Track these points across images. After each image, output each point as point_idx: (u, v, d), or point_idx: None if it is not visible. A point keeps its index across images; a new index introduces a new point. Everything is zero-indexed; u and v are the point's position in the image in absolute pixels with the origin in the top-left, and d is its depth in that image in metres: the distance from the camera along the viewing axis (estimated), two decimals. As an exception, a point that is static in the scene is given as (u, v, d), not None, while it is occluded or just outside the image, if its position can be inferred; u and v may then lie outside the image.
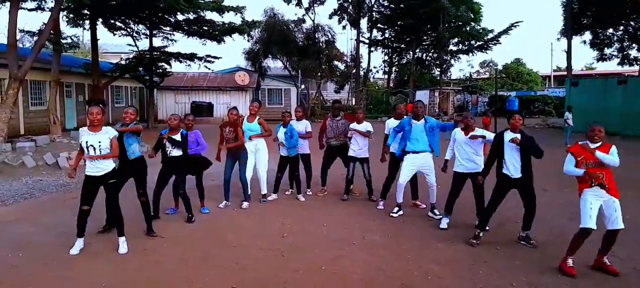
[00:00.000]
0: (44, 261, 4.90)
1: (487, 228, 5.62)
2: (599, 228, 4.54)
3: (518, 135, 5.22)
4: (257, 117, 7.39)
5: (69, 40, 21.47)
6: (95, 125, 5.03)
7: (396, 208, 6.68)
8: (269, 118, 11.35)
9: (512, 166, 5.25)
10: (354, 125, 7.50)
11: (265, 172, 7.44)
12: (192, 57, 23.26)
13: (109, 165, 5.08)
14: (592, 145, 4.60)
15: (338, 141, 7.69)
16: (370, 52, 37.07)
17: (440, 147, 6.63)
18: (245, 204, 7.18)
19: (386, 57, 38.56)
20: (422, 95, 30.22)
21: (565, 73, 48.80)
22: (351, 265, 4.87)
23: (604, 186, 4.49)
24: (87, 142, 4.98)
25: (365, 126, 7.49)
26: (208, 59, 23.55)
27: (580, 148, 4.68)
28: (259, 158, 7.34)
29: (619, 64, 29.10)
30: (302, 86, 33.86)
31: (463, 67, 79.70)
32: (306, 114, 12.02)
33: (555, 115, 31.06)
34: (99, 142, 4.97)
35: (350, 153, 7.60)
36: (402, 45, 36.42)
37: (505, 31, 31.51)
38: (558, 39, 28.99)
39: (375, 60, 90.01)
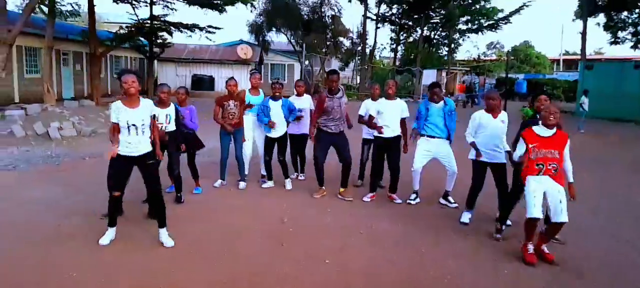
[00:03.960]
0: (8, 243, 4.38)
1: (509, 222, 5.06)
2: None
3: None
4: (261, 91, 6.80)
5: (69, 7, 20.83)
6: (133, 97, 4.21)
7: (413, 196, 6.14)
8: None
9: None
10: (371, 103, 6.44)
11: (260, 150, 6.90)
12: (193, 27, 22.51)
13: (147, 144, 4.34)
14: (545, 133, 4.19)
15: (338, 127, 6.06)
16: (377, 28, 36.05)
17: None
18: (242, 184, 6.63)
19: (393, 34, 37.56)
20: (430, 75, 29.42)
21: (573, 57, 48.55)
22: (358, 256, 4.35)
23: (554, 173, 4.20)
24: (127, 121, 4.16)
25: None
26: (209, 29, 22.81)
27: (533, 133, 4.23)
28: (259, 135, 6.77)
29: (632, 47, 28.42)
30: (306, 62, 33.04)
31: (469, 48, 78.41)
32: (308, 89, 11.23)
33: (564, 100, 30.33)
34: (142, 120, 4.23)
35: (365, 135, 6.87)
36: (410, 23, 35.43)
37: (517, 11, 30.54)
38: (574, 19, 28.03)
39: (382, 38, 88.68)
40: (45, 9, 16.30)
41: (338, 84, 6.05)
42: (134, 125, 4.19)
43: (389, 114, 5.98)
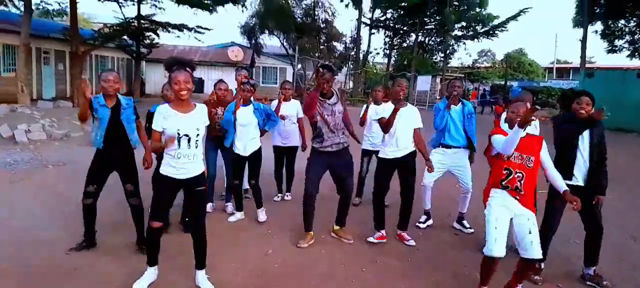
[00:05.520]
0: None
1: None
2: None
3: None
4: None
5: (57, 6, 19.89)
6: (184, 100, 3.27)
7: (424, 217, 5.29)
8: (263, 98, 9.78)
9: (579, 171, 3.84)
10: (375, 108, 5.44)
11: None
12: (181, 27, 21.62)
13: (199, 164, 3.41)
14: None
15: (338, 141, 4.44)
16: (371, 33, 35.42)
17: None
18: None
19: (387, 39, 36.88)
20: (424, 81, 28.78)
21: (565, 66, 48.28)
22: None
23: (518, 190, 3.29)
24: (178, 130, 3.22)
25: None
26: (198, 30, 21.92)
27: (502, 132, 3.46)
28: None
29: (628, 56, 28.13)
30: (299, 66, 32.23)
31: (461, 55, 77.92)
32: (301, 93, 10.23)
33: (559, 109, 29.85)
34: (197, 130, 3.31)
35: (366, 146, 5.95)
36: (405, 28, 34.81)
37: (514, 17, 30.01)
38: (574, 26, 27.60)
39: (375, 43, 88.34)
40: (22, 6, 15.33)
41: (331, 85, 4.40)
42: (185, 135, 3.25)
43: (399, 125, 4.55)
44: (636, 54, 27.85)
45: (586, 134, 3.81)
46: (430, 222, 5.31)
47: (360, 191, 6.15)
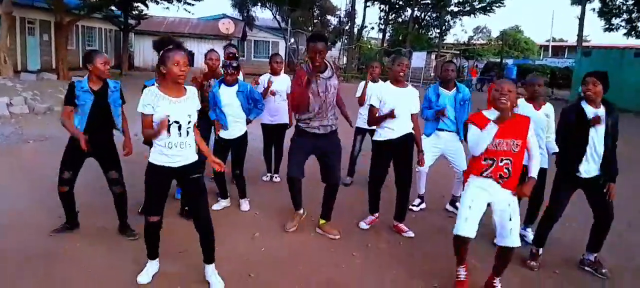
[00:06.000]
0: None
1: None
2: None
3: (600, 112, 3.51)
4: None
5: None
6: (180, 84, 2.97)
7: (418, 201, 5.11)
8: (255, 72, 9.51)
9: (592, 159, 3.58)
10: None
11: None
12: (170, -3, 21.05)
13: (193, 151, 3.14)
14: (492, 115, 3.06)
15: (327, 124, 4.01)
16: (366, 7, 34.78)
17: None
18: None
19: (382, 14, 36.28)
20: (419, 58, 28.41)
21: (561, 43, 48.05)
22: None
23: (502, 178, 3.06)
24: (169, 117, 2.89)
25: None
26: (188, 1, 21.35)
27: (482, 117, 3.12)
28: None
29: (625, 35, 28.00)
30: (292, 40, 31.68)
31: (457, 32, 77.38)
32: (292, 66, 9.90)
33: (555, 87, 29.70)
34: (188, 116, 3.00)
35: (360, 124, 5.71)
36: (400, 2, 34.22)
37: (511, -7, 29.56)
38: (572, 3, 27.27)
39: (370, 18, 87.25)
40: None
41: (324, 57, 3.89)
42: (176, 122, 2.94)
43: (398, 106, 4.11)
44: (633, 32, 27.74)
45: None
46: (423, 205, 5.14)
47: (351, 170, 5.95)
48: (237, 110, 4.56)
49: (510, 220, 3.07)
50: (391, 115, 4.06)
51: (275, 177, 5.99)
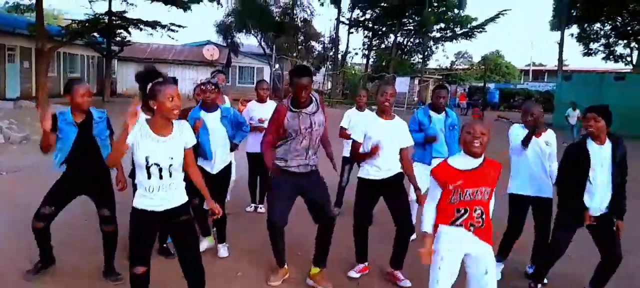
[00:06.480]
0: None
1: (546, 281, 3.83)
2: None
3: (606, 147, 3.38)
4: (225, 98, 5.17)
5: (27, 1, 18.83)
6: (168, 119, 2.66)
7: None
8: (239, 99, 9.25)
9: (599, 196, 3.39)
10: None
11: (233, 175, 4.80)
12: (154, 24, 20.91)
13: (181, 192, 2.82)
14: (469, 164, 2.68)
15: (308, 162, 3.53)
16: (349, 33, 35.14)
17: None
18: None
19: (366, 40, 36.68)
20: (402, 82, 28.62)
21: (541, 68, 49.09)
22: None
23: (473, 227, 2.69)
24: (147, 158, 2.60)
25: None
26: (172, 27, 21.25)
27: (451, 169, 2.71)
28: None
29: (603, 59, 28.82)
30: (276, 66, 31.75)
31: (439, 57, 78.46)
32: (278, 94, 9.81)
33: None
34: (171, 158, 2.66)
35: (346, 153, 5.45)
36: (384, 28, 34.68)
37: (493, 19, 30.24)
38: (551, 29, 27.97)
39: (354, 44, 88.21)
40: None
41: (310, 91, 3.46)
42: (155, 165, 2.62)
43: (384, 142, 3.62)
44: (611, 56, 28.52)
45: (608, 154, 3.37)
46: (413, 236, 4.91)
47: (339, 201, 5.71)
48: (222, 139, 4.10)
49: (487, 273, 2.69)
50: (373, 151, 3.56)
51: (260, 208, 5.70)
